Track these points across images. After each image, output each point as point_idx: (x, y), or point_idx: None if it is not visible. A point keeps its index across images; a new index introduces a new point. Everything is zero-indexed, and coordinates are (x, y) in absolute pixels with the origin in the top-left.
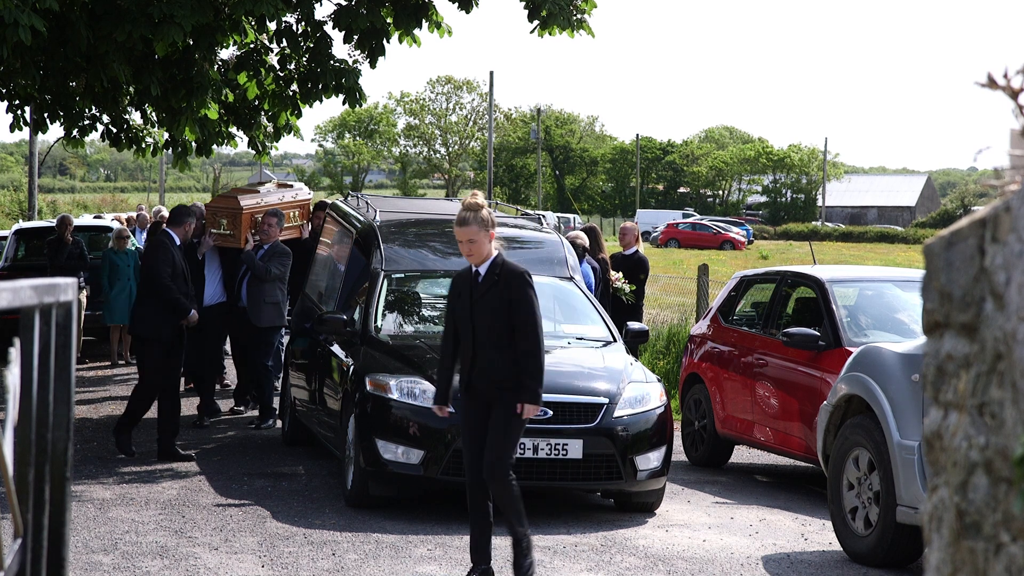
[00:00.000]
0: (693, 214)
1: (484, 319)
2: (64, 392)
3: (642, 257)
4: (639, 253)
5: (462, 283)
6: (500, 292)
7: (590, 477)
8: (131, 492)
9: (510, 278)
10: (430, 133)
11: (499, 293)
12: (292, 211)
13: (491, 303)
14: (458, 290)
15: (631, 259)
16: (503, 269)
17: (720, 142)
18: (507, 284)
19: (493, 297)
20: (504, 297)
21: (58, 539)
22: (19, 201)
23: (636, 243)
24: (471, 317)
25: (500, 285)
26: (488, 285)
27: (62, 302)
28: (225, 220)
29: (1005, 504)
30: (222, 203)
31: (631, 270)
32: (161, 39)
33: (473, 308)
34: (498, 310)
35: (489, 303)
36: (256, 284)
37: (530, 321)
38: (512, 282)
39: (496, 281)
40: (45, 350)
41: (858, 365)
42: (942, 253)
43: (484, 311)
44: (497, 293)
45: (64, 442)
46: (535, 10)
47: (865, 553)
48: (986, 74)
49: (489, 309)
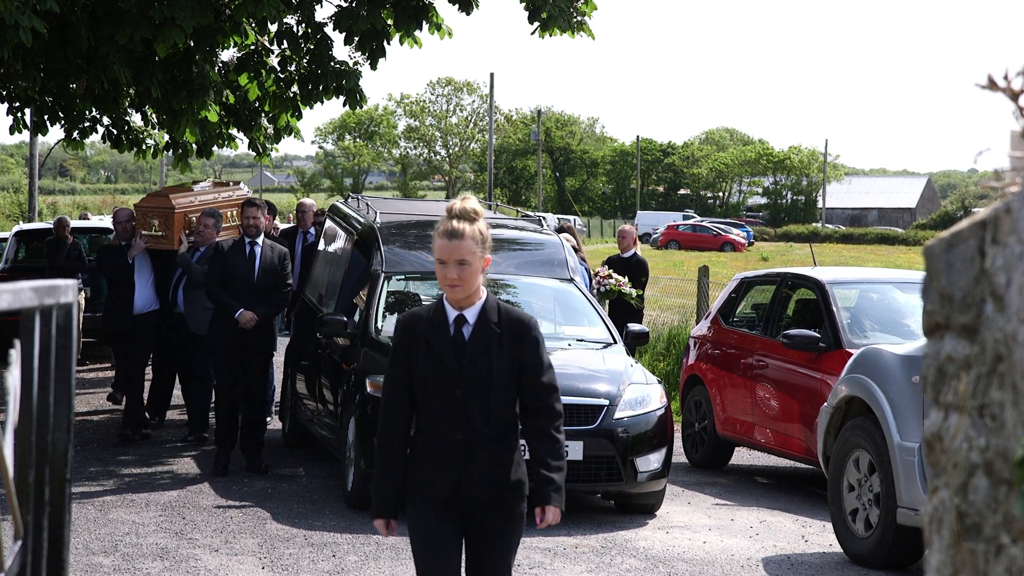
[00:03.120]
0: (693, 216)
1: (479, 393)
2: (64, 393)
3: (641, 259)
4: (637, 255)
5: (430, 333)
6: (503, 352)
7: (590, 479)
8: (131, 494)
9: (517, 329)
10: (430, 135)
11: (502, 353)
12: (229, 211)
13: (490, 368)
14: (422, 342)
15: (630, 262)
16: (504, 316)
17: (720, 144)
18: (513, 339)
19: (493, 359)
20: (508, 358)
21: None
22: (19, 203)
23: (634, 245)
24: (456, 389)
25: (503, 341)
26: (484, 340)
27: (62, 304)
28: (157, 221)
29: (1005, 506)
30: (153, 202)
31: (631, 273)
32: (162, 41)
33: (461, 375)
34: (502, 379)
35: (487, 368)
36: (193, 289)
37: (551, 390)
38: (521, 336)
39: (496, 335)
40: (45, 352)
41: (858, 367)
42: (942, 255)
43: (479, 381)
44: (499, 353)
45: (64, 443)
46: (535, 12)
47: (865, 555)
48: (986, 76)
49: (488, 377)
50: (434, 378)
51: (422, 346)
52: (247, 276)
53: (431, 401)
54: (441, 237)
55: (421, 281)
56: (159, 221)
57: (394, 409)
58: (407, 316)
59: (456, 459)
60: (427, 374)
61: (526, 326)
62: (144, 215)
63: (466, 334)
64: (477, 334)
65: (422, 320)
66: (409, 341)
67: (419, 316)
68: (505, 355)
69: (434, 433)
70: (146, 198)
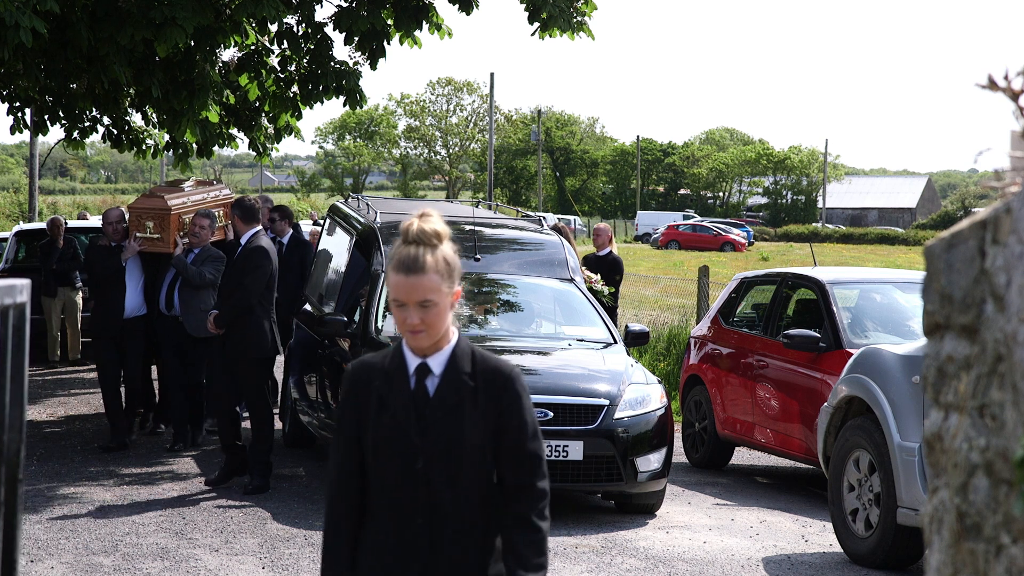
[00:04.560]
0: (693, 216)
1: (447, 465)
2: (18, 394)
3: (616, 258)
4: (613, 254)
5: (385, 386)
6: (478, 411)
7: (591, 479)
8: (131, 494)
9: (495, 382)
10: (430, 135)
11: (476, 413)
12: (216, 211)
13: (461, 432)
14: (374, 398)
15: (605, 260)
16: (479, 365)
17: (721, 144)
18: (491, 394)
19: (464, 420)
20: (484, 419)
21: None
22: (19, 203)
23: (610, 244)
24: (417, 459)
25: (478, 397)
26: (454, 396)
27: (18, 303)
28: (152, 222)
29: (1006, 506)
30: (147, 203)
31: (606, 271)
32: (162, 41)
33: (423, 441)
34: (477, 446)
35: (457, 432)
36: (190, 291)
37: (536, 462)
38: (501, 390)
39: (470, 389)
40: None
41: (858, 367)
42: (942, 255)
43: (447, 449)
44: (472, 413)
45: (17, 444)
46: (535, 12)
47: (866, 555)
48: (987, 76)
49: (458, 444)
50: (389, 445)
51: (374, 404)
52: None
53: (386, 475)
54: (397, 271)
55: None
56: (154, 223)
57: (343, 484)
58: (357, 365)
59: (417, 550)
60: (380, 440)
61: (507, 378)
62: (138, 217)
63: (430, 388)
64: (445, 388)
65: (375, 370)
66: (358, 397)
67: (372, 365)
68: (480, 415)
69: (390, 516)
70: (139, 199)
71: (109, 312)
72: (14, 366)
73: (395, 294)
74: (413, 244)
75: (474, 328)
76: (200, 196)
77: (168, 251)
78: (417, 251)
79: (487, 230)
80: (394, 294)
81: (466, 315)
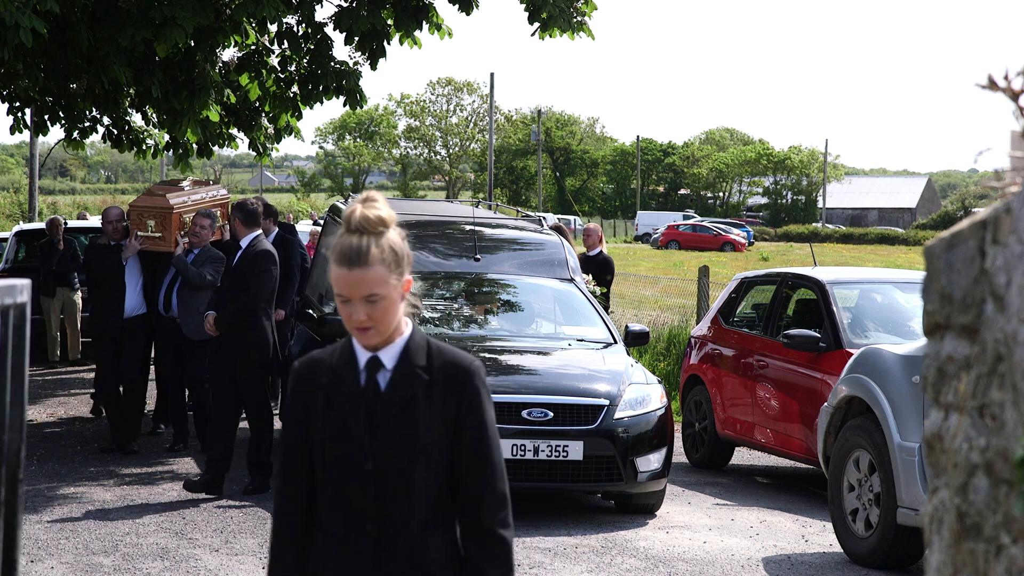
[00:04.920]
0: (693, 216)
1: (399, 466)
2: (18, 394)
3: (607, 258)
4: (603, 254)
5: (333, 383)
6: (433, 408)
7: (591, 479)
8: (131, 494)
9: (453, 376)
10: (430, 135)
11: (431, 410)
12: (217, 210)
13: (415, 430)
14: (321, 396)
15: (596, 260)
16: (436, 358)
17: (721, 144)
18: (448, 390)
19: (418, 418)
20: (440, 416)
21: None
22: (19, 203)
23: (600, 244)
24: (366, 461)
25: (433, 392)
26: (407, 391)
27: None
28: (153, 221)
29: (1006, 506)
30: (149, 202)
31: (597, 271)
32: (163, 41)
33: (373, 441)
34: (432, 446)
35: (409, 430)
36: (188, 293)
37: (494, 466)
38: (460, 386)
39: (424, 384)
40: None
41: (859, 367)
42: (942, 255)
43: (398, 449)
44: (427, 410)
45: (17, 444)
46: (535, 12)
47: (866, 555)
48: (987, 76)
49: (411, 444)
50: (336, 445)
51: (321, 401)
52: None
53: (333, 477)
54: (338, 264)
55: (421, 281)
56: (155, 222)
57: (289, 488)
58: (303, 361)
59: (366, 561)
60: (327, 440)
61: (466, 372)
62: (139, 215)
63: (382, 383)
64: (397, 383)
65: (323, 366)
66: (305, 395)
67: (319, 361)
68: (436, 412)
69: (338, 522)
70: (140, 197)
71: (109, 312)
72: (14, 366)
73: (339, 289)
74: (355, 233)
75: (474, 328)
76: (200, 196)
77: (169, 250)
78: (360, 241)
79: (487, 230)
80: (337, 289)
81: (466, 315)
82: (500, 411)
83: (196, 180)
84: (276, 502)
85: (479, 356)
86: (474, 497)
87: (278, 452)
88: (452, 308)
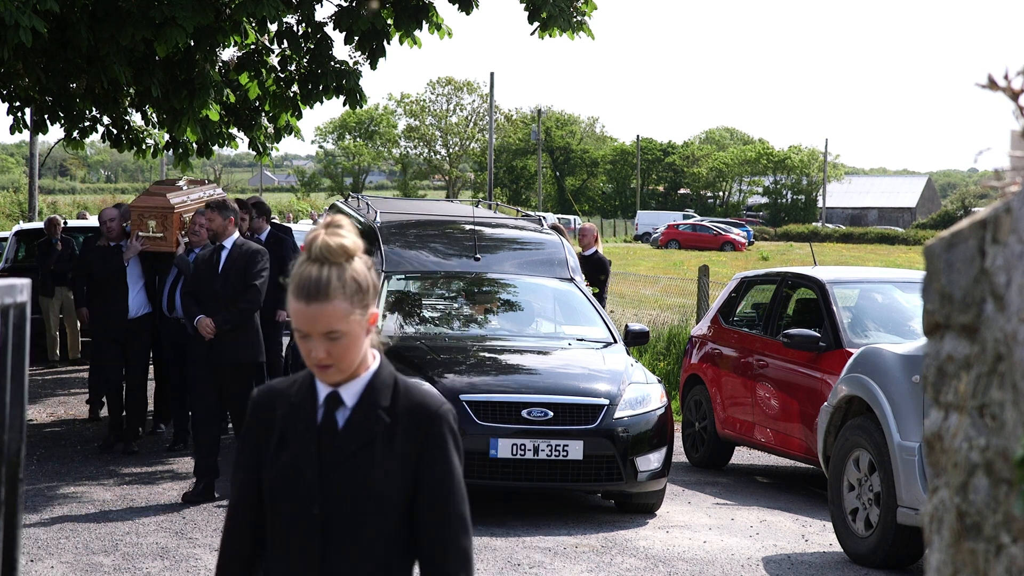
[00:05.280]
0: (693, 215)
1: (350, 513)
2: (18, 393)
3: (602, 257)
4: (599, 254)
5: (288, 418)
6: (393, 452)
7: (591, 478)
8: (131, 493)
9: (419, 419)
10: (430, 134)
11: (391, 454)
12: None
13: (370, 475)
14: (276, 428)
15: (591, 260)
16: (402, 398)
17: (720, 143)
18: (412, 434)
19: (375, 462)
20: (400, 462)
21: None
22: (19, 202)
23: (596, 244)
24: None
25: (395, 435)
26: (366, 432)
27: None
28: (154, 221)
29: (1006, 505)
30: (149, 201)
31: (591, 271)
32: (162, 41)
33: (323, 483)
34: (389, 494)
35: (364, 474)
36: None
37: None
38: (425, 430)
39: (385, 425)
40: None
41: (858, 366)
42: (942, 254)
43: (351, 494)
44: (386, 453)
45: (17, 443)
46: (535, 12)
47: (866, 554)
48: (986, 75)
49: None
50: (285, 485)
51: (275, 436)
52: (211, 284)
53: (280, 521)
54: (296, 296)
55: (421, 281)
56: (156, 221)
57: (234, 527)
58: (261, 391)
59: None
60: (276, 478)
61: (432, 417)
62: (140, 215)
63: (340, 421)
64: (355, 423)
65: (281, 397)
66: (259, 427)
67: (278, 392)
68: (395, 458)
69: (283, 569)
70: (140, 197)
71: (112, 313)
72: (14, 366)
73: (296, 323)
74: (316, 263)
75: (474, 327)
76: (198, 195)
77: (171, 250)
78: (320, 272)
79: (487, 230)
80: (295, 323)
81: (466, 315)
82: (500, 411)
83: (191, 179)
84: (221, 541)
85: (479, 355)
86: (433, 553)
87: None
88: (452, 308)
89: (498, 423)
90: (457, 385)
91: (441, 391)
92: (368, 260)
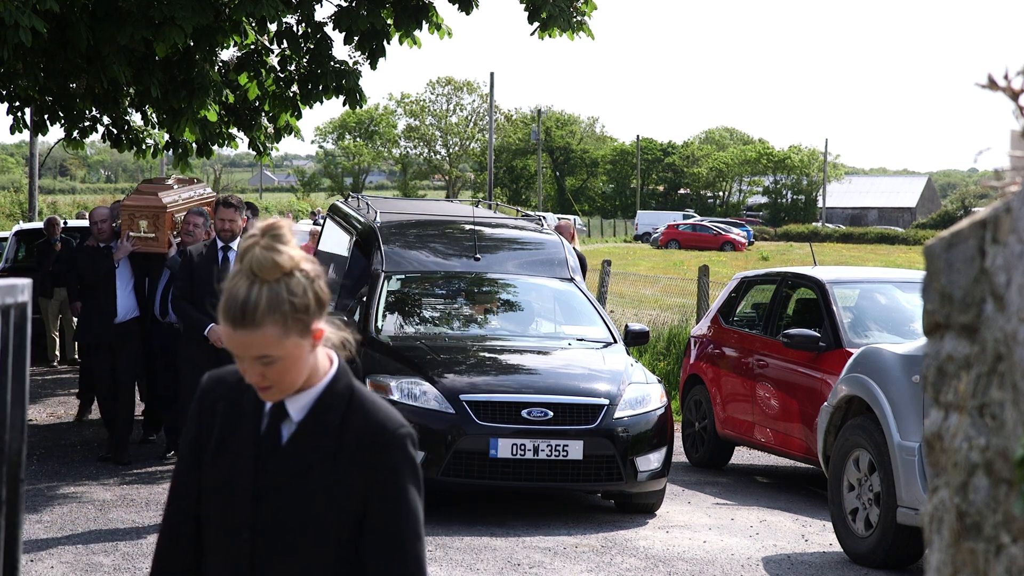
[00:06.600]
0: (693, 215)
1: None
2: (19, 393)
3: (579, 255)
4: (576, 251)
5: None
6: (339, 476)
7: (590, 478)
8: (131, 493)
9: (372, 442)
10: (430, 134)
11: (337, 479)
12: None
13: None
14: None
15: None
16: (356, 417)
17: (720, 143)
18: (362, 458)
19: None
20: (347, 489)
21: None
22: (19, 202)
23: (572, 241)
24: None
25: (341, 459)
26: (311, 452)
27: (19, 303)
28: (146, 221)
29: (1006, 505)
30: (140, 201)
31: None
32: (162, 41)
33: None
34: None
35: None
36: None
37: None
38: (377, 455)
39: (333, 448)
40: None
41: (858, 366)
42: (942, 254)
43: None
44: (331, 477)
45: (18, 443)
46: (535, 12)
47: (865, 554)
48: (986, 75)
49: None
50: (216, 501)
51: (215, 437)
52: (214, 284)
53: (210, 534)
54: (223, 317)
55: (421, 281)
56: (148, 222)
57: (173, 525)
58: (212, 377)
59: None
60: (209, 488)
61: (386, 442)
62: (131, 215)
63: (284, 435)
64: (299, 441)
65: (229, 392)
66: (201, 421)
67: (227, 385)
68: (342, 483)
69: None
70: (130, 197)
71: (101, 316)
72: (15, 366)
73: (226, 345)
74: (247, 279)
75: (474, 327)
76: (190, 194)
77: (163, 251)
78: (249, 293)
79: (487, 230)
80: (225, 343)
81: (467, 315)
82: (500, 411)
83: (180, 178)
84: (159, 536)
85: (479, 355)
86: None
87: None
88: (452, 308)
89: (498, 423)
90: (457, 385)
91: (441, 391)
92: (314, 269)
